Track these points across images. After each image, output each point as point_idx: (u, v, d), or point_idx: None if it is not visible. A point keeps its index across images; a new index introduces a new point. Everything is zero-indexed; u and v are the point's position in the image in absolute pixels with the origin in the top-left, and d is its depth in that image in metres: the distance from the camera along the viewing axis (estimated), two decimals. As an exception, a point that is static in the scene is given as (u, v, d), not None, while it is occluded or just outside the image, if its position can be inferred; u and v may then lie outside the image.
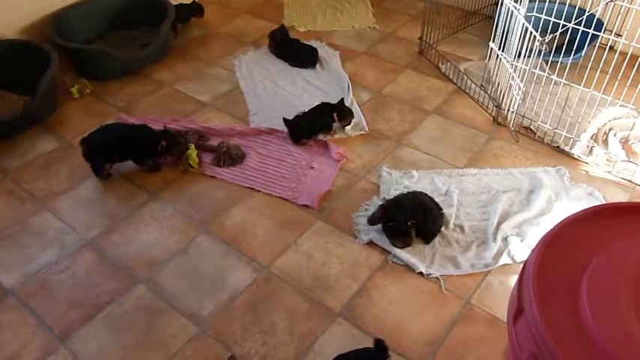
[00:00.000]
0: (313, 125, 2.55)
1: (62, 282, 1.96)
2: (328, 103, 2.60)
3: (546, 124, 2.56)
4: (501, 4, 2.59)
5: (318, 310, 1.87)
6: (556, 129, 2.53)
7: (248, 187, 2.35)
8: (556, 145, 2.55)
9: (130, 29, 3.30)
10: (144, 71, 3.09)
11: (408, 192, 2.18)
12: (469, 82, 2.91)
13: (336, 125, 2.61)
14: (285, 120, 2.54)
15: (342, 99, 2.62)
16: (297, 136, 2.54)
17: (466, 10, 3.53)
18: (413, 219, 2.03)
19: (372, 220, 2.11)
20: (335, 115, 2.58)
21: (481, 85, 2.86)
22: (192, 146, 2.41)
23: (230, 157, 2.46)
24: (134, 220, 2.20)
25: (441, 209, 2.13)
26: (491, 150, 2.57)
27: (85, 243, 2.10)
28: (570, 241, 1.08)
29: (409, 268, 2.01)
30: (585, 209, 1.15)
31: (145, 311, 1.86)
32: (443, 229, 2.14)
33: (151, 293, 1.92)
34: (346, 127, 2.61)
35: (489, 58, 2.85)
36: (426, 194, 2.16)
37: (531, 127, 2.63)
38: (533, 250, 1.08)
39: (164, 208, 2.26)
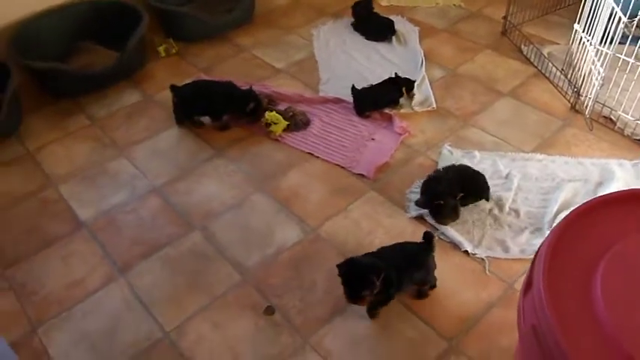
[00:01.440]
0: (379, 99, 2.56)
1: (129, 221, 2.14)
2: (397, 78, 2.59)
3: (628, 114, 2.40)
4: (591, -18, 2.44)
5: (357, 275, 1.91)
6: (639, 120, 2.36)
7: (308, 153, 2.42)
8: (637, 138, 2.39)
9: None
10: (227, 35, 3.23)
11: (446, 167, 2.16)
12: (550, 65, 2.77)
13: (402, 100, 2.60)
14: (352, 89, 2.57)
15: (396, 73, 2.62)
16: (362, 108, 2.56)
17: (560, -9, 3.34)
18: (458, 192, 2.02)
19: (418, 204, 2.11)
20: (404, 89, 2.58)
21: (562, 70, 2.72)
22: (281, 118, 2.50)
23: (295, 122, 2.53)
24: (199, 172, 2.35)
25: (483, 177, 2.13)
26: (563, 137, 2.45)
27: (153, 189, 2.28)
28: (594, 223, 1.04)
29: (455, 246, 2.00)
30: (616, 192, 1.10)
31: (197, 256, 2.00)
32: (497, 212, 2.10)
33: (204, 240, 2.06)
34: (413, 102, 2.60)
35: (572, 41, 2.69)
36: (466, 165, 2.15)
37: (611, 116, 2.48)
38: (554, 227, 1.06)
39: (227, 164, 2.38)
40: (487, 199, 2.14)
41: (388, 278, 1.65)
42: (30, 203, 2.24)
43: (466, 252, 1.97)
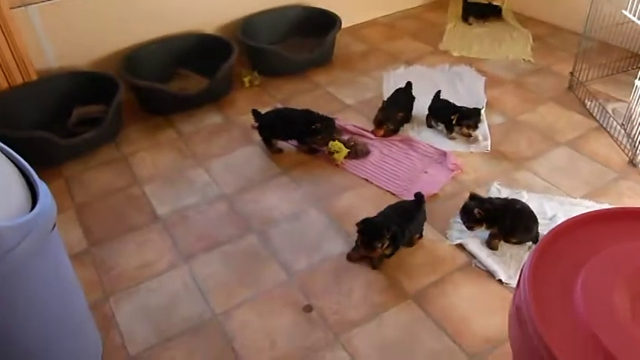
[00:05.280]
0: (442, 113, 2.88)
1: (197, 220, 2.43)
2: (456, 106, 2.85)
3: (685, 171, 2.42)
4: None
5: (393, 289, 2.06)
6: (696, 178, 2.38)
7: (364, 179, 2.62)
8: (694, 196, 2.40)
9: (304, 37, 3.80)
10: (306, 73, 3.56)
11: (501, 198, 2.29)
12: (612, 120, 2.84)
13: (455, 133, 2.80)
14: (435, 95, 2.98)
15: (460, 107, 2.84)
16: (433, 114, 2.94)
17: (634, 52, 3.40)
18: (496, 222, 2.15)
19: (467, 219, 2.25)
20: (454, 117, 2.75)
21: (622, 124, 2.78)
22: (343, 147, 2.73)
23: (356, 151, 2.76)
24: (264, 186, 2.61)
25: (535, 219, 2.20)
26: (617, 188, 2.50)
27: (222, 195, 2.57)
28: (567, 245, 1.17)
29: (490, 274, 2.10)
30: (582, 214, 1.23)
31: (251, 255, 2.23)
32: (537, 248, 2.18)
33: (260, 243, 2.29)
34: (471, 136, 2.82)
35: (633, 96, 2.76)
36: (522, 201, 2.25)
37: (669, 172, 2.50)
38: (545, 234, 1.19)
39: (290, 182, 2.63)
40: (534, 242, 2.21)
41: (395, 234, 2.05)
42: (118, 197, 2.59)
43: (500, 281, 2.07)
